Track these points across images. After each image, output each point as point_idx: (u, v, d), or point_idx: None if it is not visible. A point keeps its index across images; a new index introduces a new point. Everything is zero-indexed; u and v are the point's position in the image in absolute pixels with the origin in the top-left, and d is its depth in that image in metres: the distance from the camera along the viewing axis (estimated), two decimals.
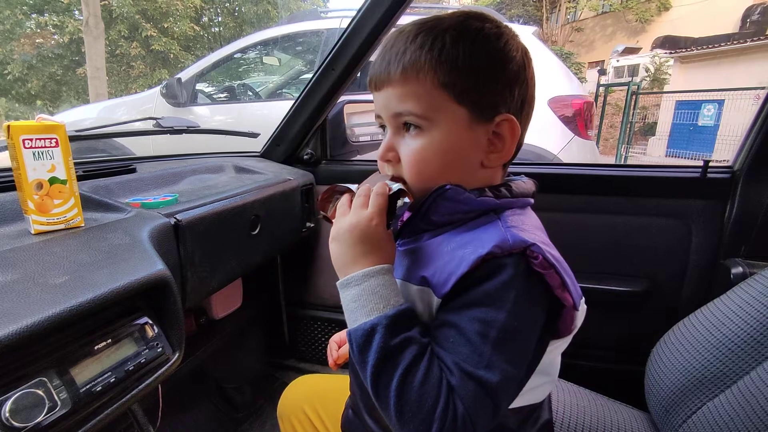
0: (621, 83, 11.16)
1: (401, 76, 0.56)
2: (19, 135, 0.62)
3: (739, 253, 1.03)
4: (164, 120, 1.36)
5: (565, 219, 1.15)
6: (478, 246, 0.50)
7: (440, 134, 0.56)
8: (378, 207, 0.54)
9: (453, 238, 0.55)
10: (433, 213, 0.57)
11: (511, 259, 0.49)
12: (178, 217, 0.80)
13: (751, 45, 9.60)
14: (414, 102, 0.55)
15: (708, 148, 8.86)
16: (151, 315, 0.63)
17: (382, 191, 0.55)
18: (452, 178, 0.57)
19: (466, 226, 0.56)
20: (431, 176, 0.57)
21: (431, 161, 0.57)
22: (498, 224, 0.53)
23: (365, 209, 0.54)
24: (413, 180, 0.58)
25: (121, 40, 13.00)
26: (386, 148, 0.60)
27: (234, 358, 1.43)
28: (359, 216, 0.54)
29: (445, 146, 0.56)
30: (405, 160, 0.58)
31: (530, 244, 0.49)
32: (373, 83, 0.60)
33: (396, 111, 0.57)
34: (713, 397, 0.71)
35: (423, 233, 0.60)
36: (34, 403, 0.46)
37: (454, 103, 0.55)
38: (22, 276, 0.54)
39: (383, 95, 0.58)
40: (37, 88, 13.17)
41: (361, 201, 0.55)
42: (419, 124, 0.56)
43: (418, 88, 0.55)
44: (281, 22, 3.86)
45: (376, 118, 0.63)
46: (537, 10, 18.86)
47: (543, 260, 0.49)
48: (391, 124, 0.59)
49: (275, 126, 1.39)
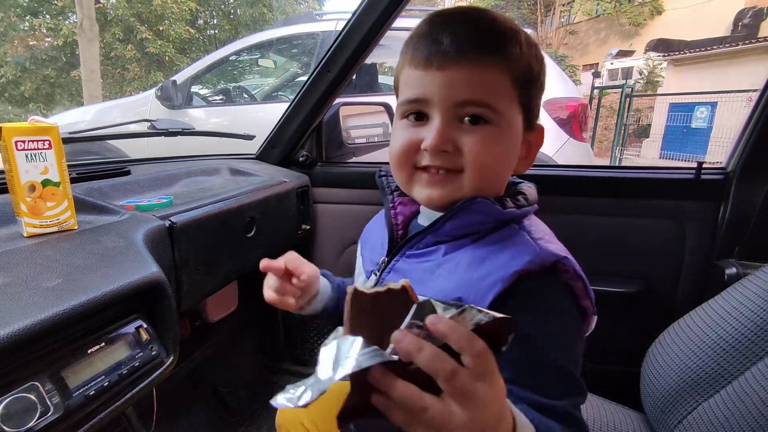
0: (615, 86, 11.25)
1: (482, 59, 0.50)
2: (12, 137, 0.62)
3: (733, 253, 1.03)
4: (159, 122, 1.35)
5: (560, 220, 1.14)
6: (511, 261, 0.49)
7: (506, 134, 0.53)
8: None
9: (478, 253, 0.53)
10: (453, 225, 0.55)
11: (550, 275, 0.50)
12: (172, 219, 0.80)
13: (743, 48, 9.70)
14: (490, 93, 0.51)
15: (701, 149, 8.94)
16: (145, 318, 0.62)
17: (482, 349, 0.33)
18: (502, 182, 0.57)
19: (489, 238, 0.54)
20: (492, 177, 0.55)
21: (496, 160, 0.54)
22: (524, 236, 0.53)
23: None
24: (475, 177, 0.53)
25: (116, 43, 12.94)
26: (444, 137, 0.51)
27: (229, 362, 1.42)
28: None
29: (509, 147, 0.55)
30: (472, 154, 0.52)
31: (562, 257, 0.50)
32: (433, 59, 0.51)
33: (465, 98, 0.51)
34: (708, 397, 0.71)
35: (437, 245, 0.57)
36: (26, 408, 0.45)
37: (517, 104, 0.54)
38: (15, 279, 0.53)
39: (445, 76, 0.51)
40: (30, 90, 13.09)
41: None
42: (490, 119, 0.52)
43: (496, 79, 0.51)
44: (277, 25, 3.86)
45: (410, 103, 0.55)
46: (532, 13, 18.98)
47: (574, 273, 0.50)
48: (449, 112, 0.52)
49: (271, 128, 1.39)
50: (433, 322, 0.32)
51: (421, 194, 0.56)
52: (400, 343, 0.32)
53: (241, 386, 1.43)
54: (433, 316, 0.33)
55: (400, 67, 0.58)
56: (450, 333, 0.32)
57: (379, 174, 0.70)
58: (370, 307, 0.35)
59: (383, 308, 0.35)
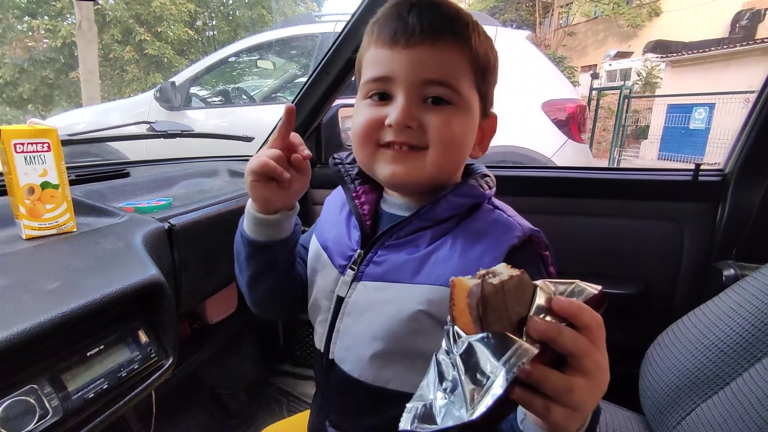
0: (613, 87, 11.27)
1: (448, 42, 0.52)
2: (11, 139, 0.62)
3: (731, 255, 1.04)
4: (158, 124, 1.35)
5: (559, 222, 1.15)
6: (501, 238, 0.53)
7: (467, 116, 0.55)
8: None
9: (467, 235, 0.55)
10: (439, 209, 0.56)
11: (529, 247, 0.55)
12: (171, 221, 0.80)
13: (741, 49, 9.74)
14: (454, 74, 0.53)
15: (699, 151, 8.97)
16: (144, 320, 0.62)
17: (601, 323, 0.36)
18: (461, 162, 0.60)
19: (471, 219, 0.57)
20: (454, 156, 0.56)
21: (458, 140, 0.55)
22: (502, 215, 0.57)
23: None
24: (439, 154, 0.54)
25: (115, 44, 12.95)
26: (408, 114, 0.52)
27: (228, 364, 1.42)
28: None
29: (469, 128, 0.57)
30: (437, 131, 0.53)
31: (536, 231, 0.55)
32: (400, 38, 0.52)
33: (431, 77, 0.52)
34: (707, 398, 0.72)
35: (420, 232, 0.57)
36: (25, 411, 0.45)
37: (475, 90, 0.56)
38: (13, 282, 0.53)
39: (411, 54, 0.52)
40: (29, 92, 13.07)
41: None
42: (452, 100, 0.54)
43: (459, 62, 0.53)
44: (276, 26, 3.86)
45: (374, 82, 0.55)
46: (530, 15, 19.03)
47: (544, 244, 0.56)
48: (414, 91, 0.53)
49: (269, 130, 1.39)
50: (562, 304, 0.34)
51: (385, 171, 0.56)
52: (543, 332, 0.33)
53: (241, 388, 1.43)
54: (557, 299, 0.35)
55: (363, 48, 0.59)
56: (579, 312, 0.34)
57: (334, 162, 0.68)
58: (498, 298, 0.34)
59: (508, 297, 0.35)
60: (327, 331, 0.63)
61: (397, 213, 0.62)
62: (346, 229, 0.65)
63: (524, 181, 1.16)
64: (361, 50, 0.59)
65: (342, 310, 0.61)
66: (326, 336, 0.63)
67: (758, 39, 10.22)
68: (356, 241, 0.62)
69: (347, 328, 0.61)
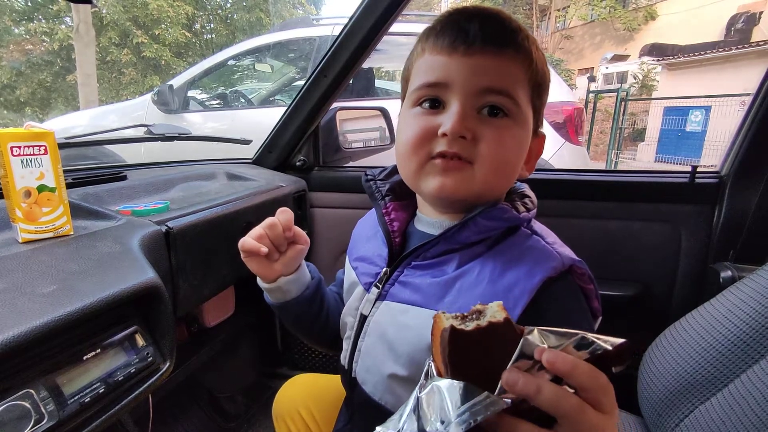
0: (610, 90, 11.32)
1: (508, 52, 0.50)
2: (7, 142, 0.62)
3: (728, 257, 1.04)
4: (155, 127, 1.35)
5: (557, 224, 1.14)
6: (534, 269, 0.49)
7: (522, 130, 0.53)
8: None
9: (497, 262, 0.51)
10: (468, 232, 0.53)
11: (568, 279, 0.50)
12: (169, 224, 0.80)
13: (737, 52, 9.80)
14: (512, 84, 0.51)
15: (696, 153, 9.00)
16: (141, 324, 0.62)
17: (605, 385, 0.32)
18: (510, 181, 0.56)
19: (504, 244, 0.53)
20: (503, 173, 0.53)
21: (512, 154, 0.53)
22: (540, 241, 0.53)
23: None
24: (488, 169, 0.51)
25: (112, 47, 12.93)
26: (463, 123, 0.49)
27: (226, 367, 1.41)
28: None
29: (522, 145, 0.54)
30: (489, 145, 0.50)
31: (578, 261, 0.51)
32: (459, 45, 0.50)
33: (489, 85, 0.50)
34: (705, 400, 0.72)
35: (448, 254, 0.55)
36: (21, 416, 0.45)
37: (531, 105, 0.54)
38: (9, 285, 0.53)
39: (470, 62, 0.50)
40: (26, 95, 13.04)
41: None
42: (509, 111, 0.51)
43: (519, 74, 0.51)
44: (273, 29, 3.87)
45: (427, 88, 0.52)
46: (527, 18, 19.12)
47: (587, 276, 0.51)
48: (469, 99, 0.50)
49: (267, 133, 1.39)
50: (551, 360, 0.30)
51: (433, 183, 0.52)
52: (515, 386, 0.30)
53: (238, 391, 1.42)
54: (548, 353, 0.30)
55: (416, 55, 0.56)
56: (572, 371, 0.30)
57: (366, 178, 0.67)
58: (471, 343, 0.32)
59: (485, 343, 0.32)
60: (351, 348, 0.63)
61: (428, 231, 0.60)
62: (375, 246, 0.65)
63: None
64: (412, 57, 0.57)
65: (365, 329, 0.60)
66: (350, 354, 0.63)
67: (754, 42, 10.28)
68: (384, 258, 0.61)
69: (368, 348, 0.59)
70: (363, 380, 0.60)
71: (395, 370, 0.55)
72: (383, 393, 0.57)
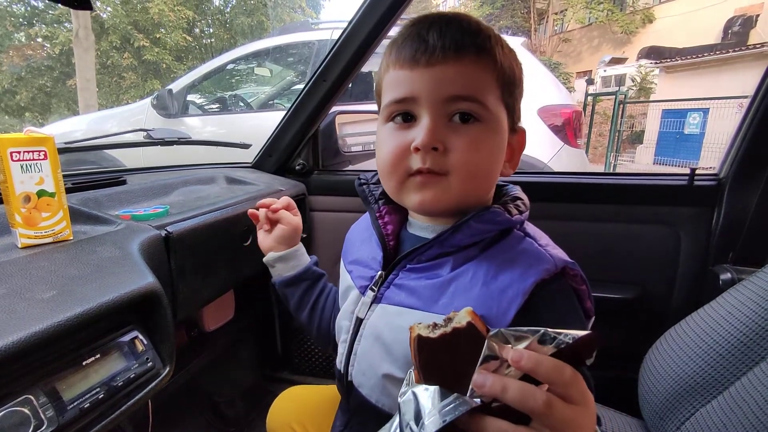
0: (608, 92, 11.34)
1: (469, 57, 0.50)
2: (7, 147, 0.62)
3: (728, 259, 1.04)
4: (155, 131, 1.35)
5: (555, 227, 1.15)
6: (528, 271, 0.49)
7: (495, 132, 0.53)
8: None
9: (491, 264, 0.52)
10: (462, 236, 0.53)
11: (561, 280, 0.51)
12: (168, 229, 0.80)
13: (734, 55, 9.84)
14: (479, 89, 0.51)
15: (694, 155, 9.02)
16: (140, 328, 0.62)
17: (571, 377, 0.33)
18: (491, 184, 0.57)
19: (497, 247, 0.54)
20: (481, 178, 0.54)
21: (486, 159, 0.53)
22: (532, 244, 0.53)
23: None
24: (463, 177, 0.51)
25: (113, 51, 12.96)
26: (433, 135, 0.50)
27: (226, 371, 1.41)
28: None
29: (498, 146, 0.54)
30: (460, 154, 0.50)
31: (570, 263, 0.51)
32: (420, 57, 0.50)
33: (455, 93, 0.50)
34: (706, 403, 0.72)
35: (442, 257, 0.55)
36: (20, 422, 0.45)
37: (502, 104, 0.54)
38: (9, 291, 0.53)
39: (433, 73, 0.50)
40: (26, 99, 13.06)
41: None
42: (480, 116, 0.51)
43: (484, 76, 0.51)
44: (273, 33, 3.88)
45: (396, 104, 0.53)
46: (525, 21, 19.21)
47: (580, 277, 0.51)
48: (438, 109, 0.51)
49: (267, 137, 1.39)
50: (515, 358, 0.31)
51: (414, 200, 0.54)
52: (483, 387, 0.31)
53: (238, 396, 1.42)
54: (513, 351, 0.32)
55: (383, 70, 0.57)
56: (535, 367, 0.31)
57: (359, 182, 0.67)
58: (438, 348, 0.34)
59: (453, 347, 0.34)
60: (346, 352, 0.63)
61: (421, 235, 0.60)
62: (370, 250, 0.65)
63: (520, 187, 1.17)
64: (380, 73, 0.58)
65: (360, 332, 0.60)
66: (345, 357, 0.63)
67: (750, 45, 10.34)
68: (378, 261, 0.62)
69: (364, 351, 0.60)
70: (359, 383, 0.60)
71: (391, 371, 0.55)
72: (380, 395, 0.58)
